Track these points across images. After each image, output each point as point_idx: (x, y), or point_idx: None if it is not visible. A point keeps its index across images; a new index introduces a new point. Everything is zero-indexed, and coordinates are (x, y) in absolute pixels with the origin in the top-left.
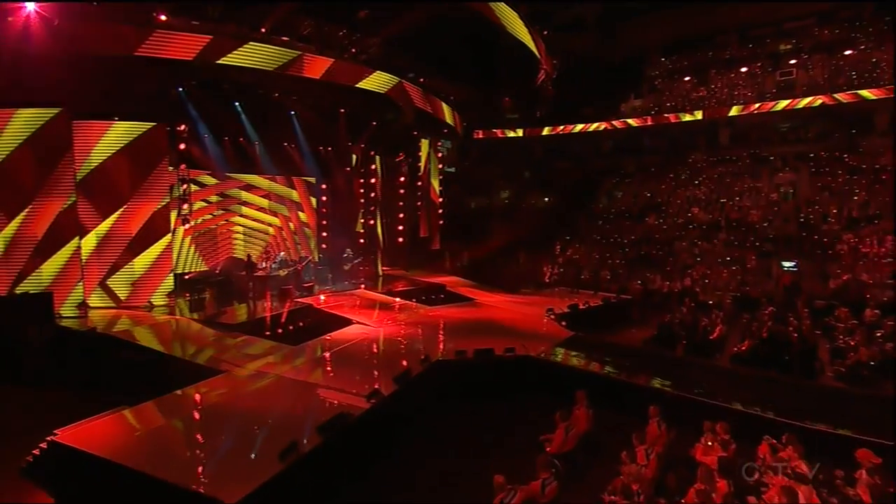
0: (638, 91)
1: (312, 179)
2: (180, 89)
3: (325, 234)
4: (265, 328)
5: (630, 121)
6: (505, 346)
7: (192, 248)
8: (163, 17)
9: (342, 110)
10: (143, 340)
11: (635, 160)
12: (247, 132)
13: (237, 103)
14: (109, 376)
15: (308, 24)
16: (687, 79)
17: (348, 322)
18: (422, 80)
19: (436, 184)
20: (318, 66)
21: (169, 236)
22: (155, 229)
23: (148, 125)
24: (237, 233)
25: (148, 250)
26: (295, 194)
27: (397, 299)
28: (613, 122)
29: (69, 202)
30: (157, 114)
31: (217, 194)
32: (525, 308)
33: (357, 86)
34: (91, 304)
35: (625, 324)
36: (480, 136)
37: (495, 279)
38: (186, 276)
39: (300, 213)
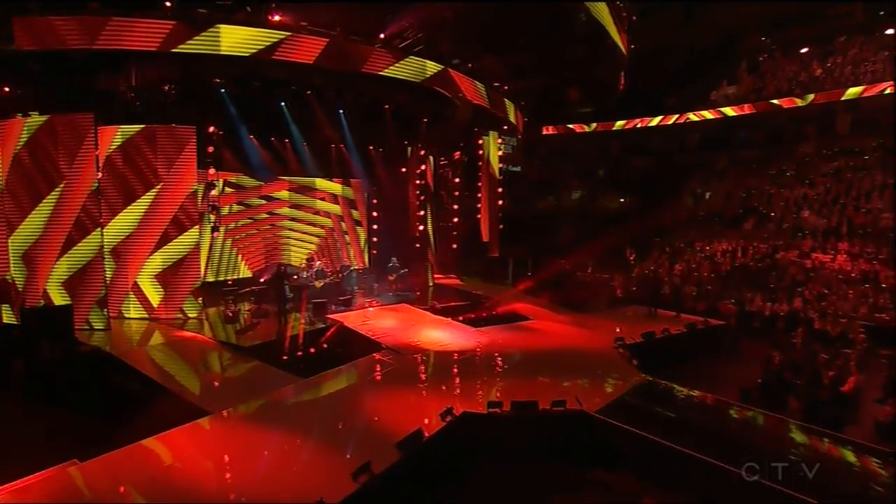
0: (732, 76)
1: (356, 184)
2: (222, 90)
3: (375, 238)
4: (283, 351)
5: (726, 109)
6: (556, 391)
7: (236, 252)
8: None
9: (388, 106)
10: (139, 365)
11: (728, 155)
12: (292, 133)
13: (283, 103)
14: (102, 402)
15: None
16: (802, 53)
17: (376, 347)
18: (476, 69)
19: (497, 185)
20: (360, 56)
21: (195, 235)
22: (178, 234)
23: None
24: (286, 237)
25: (173, 253)
26: (340, 190)
27: (442, 317)
28: (702, 113)
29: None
30: (186, 116)
31: (260, 197)
32: (590, 334)
33: (409, 80)
34: (126, 314)
35: (714, 357)
36: (549, 132)
37: (559, 293)
38: (229, 283)
39: (352, 212)
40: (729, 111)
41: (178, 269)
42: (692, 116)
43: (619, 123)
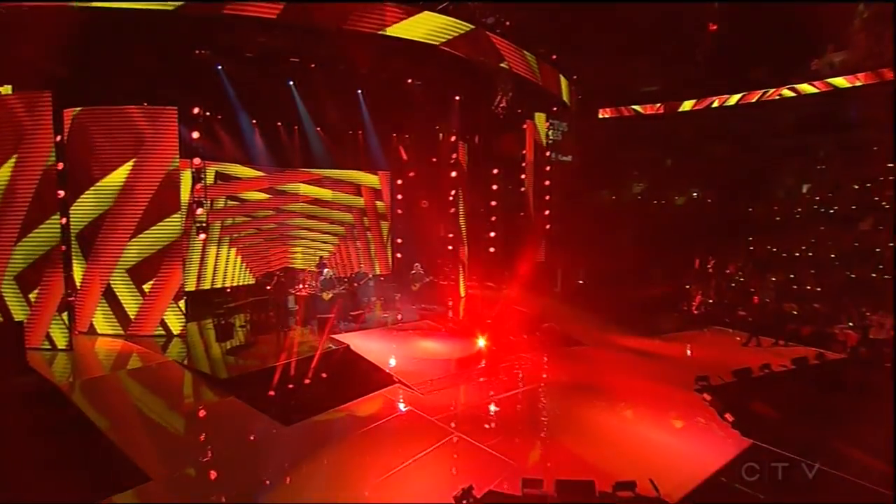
0: (841, 38)
1: (379, 176)
2: (219, 66)
3: (399, 240)
4: (271, 384)
5: (836, 81)
6: (619, 460)
7: (234, 254)
8: None
9: (412, 81)
10: (83, 403)
11: (835, 138)
12: (301, 117)
13: (291, 82)
14: (41, 446)
15: None
16: None
17: (387, 380)
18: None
19: (544, 177)
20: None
21: (177, 224)
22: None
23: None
24: (296, 238)
25: (150, 243)
26: (361, 198)
27: (473, 338)
28: (799, 87)
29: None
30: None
31: (262, 190)
32: (658, 365)
33: (443, 48)
34: (98, 330)
35: (839, 407)
36: (606, 114)
37: (619, 309)
38: (227, 291)
39: (377, 204)
40: (840, 82)
41: (159, 268)
42: (786, 92)
43: (688, 104)
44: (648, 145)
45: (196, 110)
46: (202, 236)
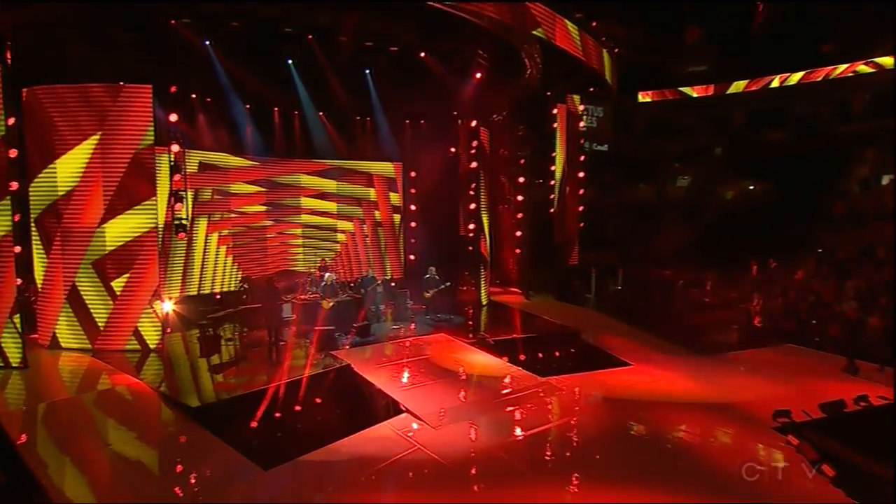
0: None
1: (392, 167)
2: (207, 42)
3: (413, 240)
4: (253, 415)
5: None
6: None
7: (226, 255)
8: None
9: (426, 55)
10: (24, 439)
11: None
12: (301, 100)
13: (290, 60)
14: None
15: None
16: None
17: (395, 410)
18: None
19: (578, 169)
20: None
21: (152, 211)
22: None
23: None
24: (296, 237)
25: (122, 231)
26: (371, 189)
27: (496, 356)
28: (881, 61)
29: None
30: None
31: (256, 182)
32: (721, 392)
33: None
34: (64, 345)
35: None
36: (648, 97)
37: (666, 321)
38: (217, 297)
39: (376, 212)
40: None
41: (131, 265)
42: (863, 68)
43: (739, 84)
44: (695, 132)
45: (174, 89)
46: (182, 236)
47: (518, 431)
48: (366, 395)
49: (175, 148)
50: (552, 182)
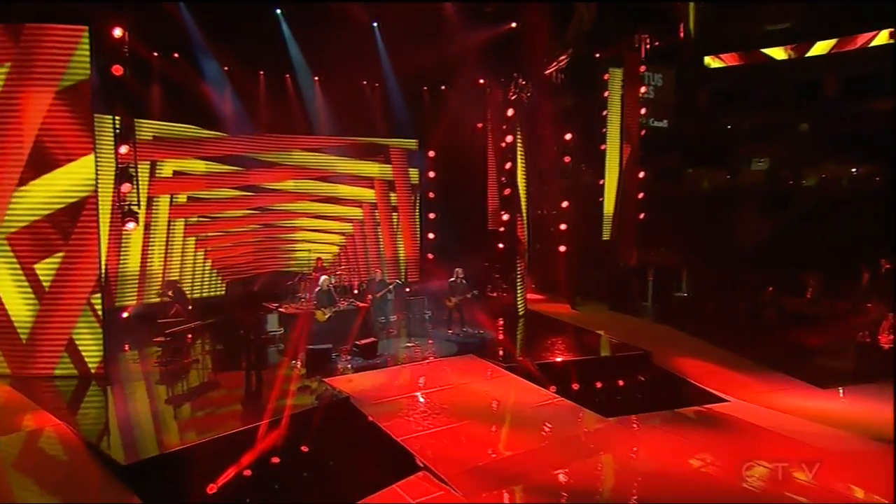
0: None
1: (410, 144)
2: None
3: (431, 235)
4: (215, 473)
5: None
6: None
7: (195, 249)
8: None
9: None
10: None
11: None
12: (292, 60)
13: (278, 10)
14: None
15: None
16: None
17: (408, 466)
18: None
19: (636, 149)
20: None
21: (85, 171)
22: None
23: None
24: (286, 229)
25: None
26: (375, 167)
27: (539, 388)
28: None
29: None
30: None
31: (230, 161)
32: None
33: None
34: None
35: None
36: (718, 63)
37: (754, 339)
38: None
39: (391, 195)
40: None
41: (62, 246)
42: None
43: (825, 44)
44: (776, 104)
45: (119, 32)
46: (131, 226)
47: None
48: (369, 443)
49: (123, 116)
50: (601, 164)
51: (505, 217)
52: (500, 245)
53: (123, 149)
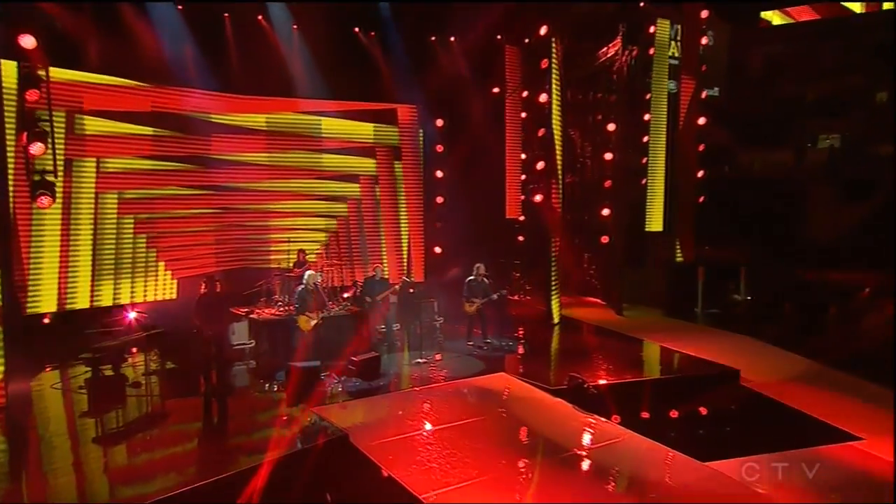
0: None
1: (409, 113)
2: None
3: (438, 223)
4: None
5: None
6: None
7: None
8: None
9: None
10: None
11: None
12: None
13: None
14: None
15: None
16: None
17: None
18: None
19: (692, 121)
20: None
21: None
22: None
23: None
24: (256, 214)
25: None
26: (372, 130)
27: (599, 419)
28: None
29: None
30: None
31: (177, 125)
32: None
33: None
34: None
35: None
36: (777, 19)
37: (860, 353)
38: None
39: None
40: None
41: None
42: None
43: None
44: (845, 69)
45: None
46: (45, 201)
47: None
48: (375, 492)
49: (28, 42)
50: (645, 139)
51: (537, 198)
52: (520, 238)
53: (32, 94)
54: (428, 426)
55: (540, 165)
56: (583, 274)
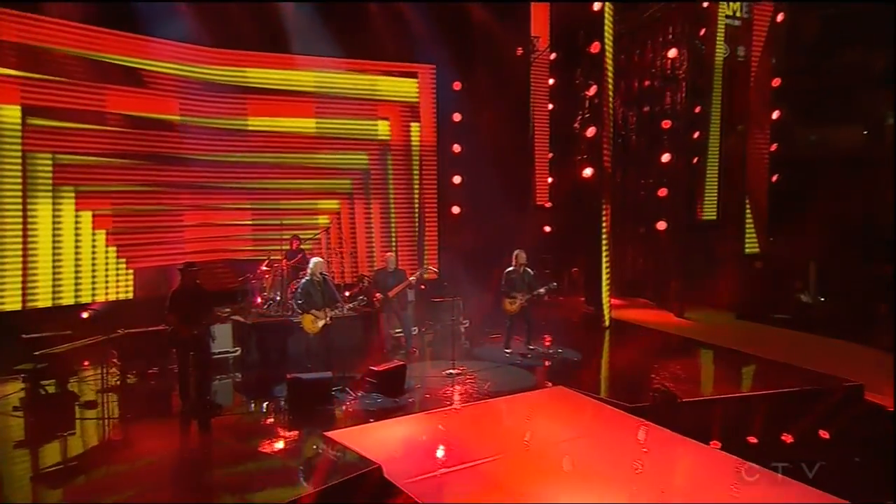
0: None
1: (428, 74)
2: None
3: (456, 208)
4: None
5: None
6: None
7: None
8: None
9: None
10: None
11: None
12: None
13: None
14: None
15: None
16: None
17: None
18: None
19: (763, 91)
20: None
21: None
22: None
23: None
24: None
25: None
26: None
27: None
28: None
29: None
30: None
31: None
32: None
33: None
34: None
35: None
36: None
37: None
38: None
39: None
40: None
41: None
42: None
43: None
44: None
45: None
46: None
47: None
48: None
49: None
50: (696, 109)
51: (587, 172)
52: (546, 228)
53: None
54: (482, 455)
55: (590, 132)
56: (626, 269)
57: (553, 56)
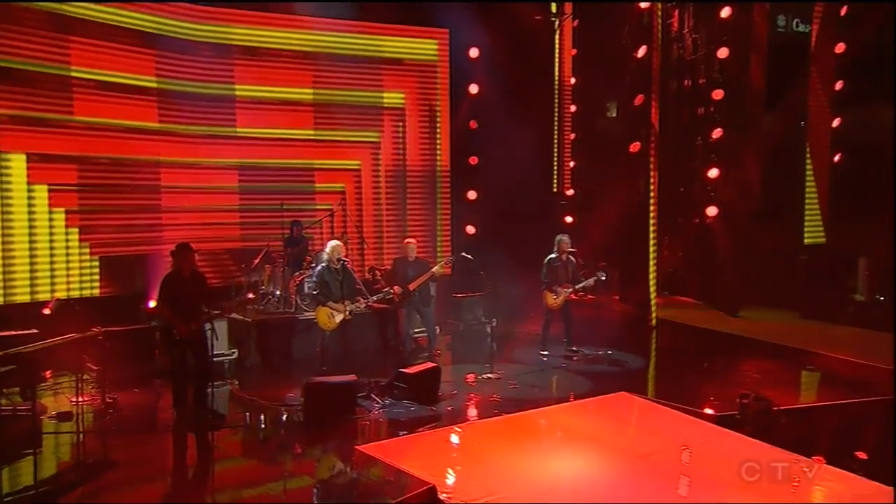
0: None
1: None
2: None
3: (472, 192)
4: None
5: None
6: None
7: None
8: None
9: None
10: None
11: None
12: None
13: None
14: None
15: None
16: None
17: None
18: None
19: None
20: None
21: None
22: None
23: None
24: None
25: None
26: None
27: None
28: None
29: None
30: None
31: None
32: None
33: None
34: None
35: None
36: None
37: None
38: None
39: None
40: None
41: None
42: None
43: None
44: None
45: None
46: None
47: None
48: None
49: None
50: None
51: (634, 147)
52: (568, 219)
53: None
54: (557, 471)
55: (638, 99)
56: (667, 264)
57: (576, 22)
